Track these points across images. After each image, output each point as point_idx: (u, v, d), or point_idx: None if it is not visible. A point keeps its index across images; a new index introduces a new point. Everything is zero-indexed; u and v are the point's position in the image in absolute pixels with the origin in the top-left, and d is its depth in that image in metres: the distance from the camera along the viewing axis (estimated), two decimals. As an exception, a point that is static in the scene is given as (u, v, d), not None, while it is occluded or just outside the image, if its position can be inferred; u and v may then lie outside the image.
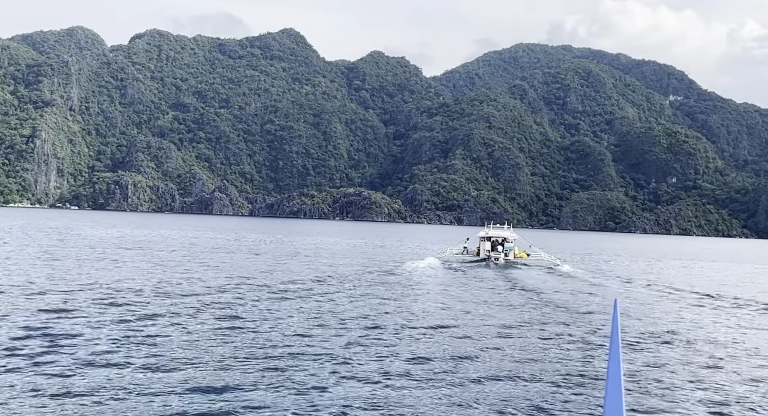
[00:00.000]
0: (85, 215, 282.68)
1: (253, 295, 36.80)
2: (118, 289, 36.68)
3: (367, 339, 25.56)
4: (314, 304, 34.73)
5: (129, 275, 44.95)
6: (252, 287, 40.57)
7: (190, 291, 37.37)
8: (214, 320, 28.16)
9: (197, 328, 26.06)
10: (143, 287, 37.82)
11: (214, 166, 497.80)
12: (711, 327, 34.16)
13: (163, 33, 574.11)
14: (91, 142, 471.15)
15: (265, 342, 23.86)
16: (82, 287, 36.56)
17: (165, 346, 22.39)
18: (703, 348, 27.56)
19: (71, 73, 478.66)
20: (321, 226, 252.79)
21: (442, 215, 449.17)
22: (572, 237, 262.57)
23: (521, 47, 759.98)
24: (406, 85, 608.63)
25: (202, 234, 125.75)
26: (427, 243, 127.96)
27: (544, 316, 34.45)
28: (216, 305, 31.97)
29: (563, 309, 37.29)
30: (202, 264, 55.95)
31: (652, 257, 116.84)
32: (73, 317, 26.83)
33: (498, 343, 26.27)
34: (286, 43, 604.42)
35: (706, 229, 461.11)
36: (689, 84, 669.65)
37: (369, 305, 35.22)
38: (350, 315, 31.38)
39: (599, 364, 23.42)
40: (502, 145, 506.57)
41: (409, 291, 43.39)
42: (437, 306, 36.25)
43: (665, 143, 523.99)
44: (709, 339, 30.03)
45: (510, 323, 31.50)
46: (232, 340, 23.92)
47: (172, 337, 23.86)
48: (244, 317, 29.22)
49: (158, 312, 29.03)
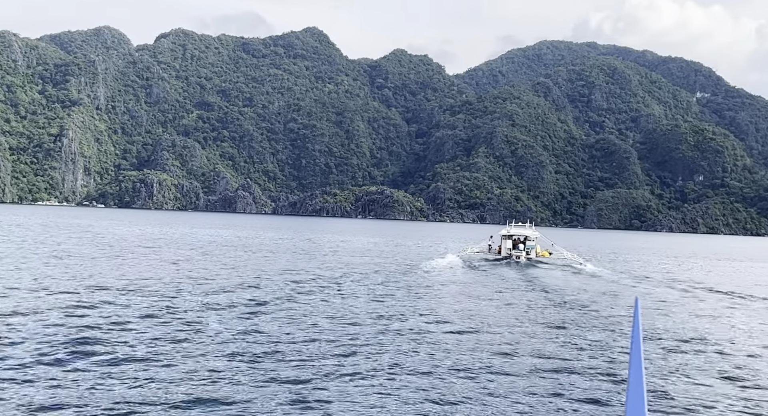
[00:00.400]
0: (110, 213, 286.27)
1: (263, 293, 36.63)
2: (124, 286, 36.75)
3: (375, 338, 25.23)
4: (327, 303, 34.39)
5: (139, 272, 44.99)
6: (264, 285, 40.43)
7: (199, 290, 37.31)
8: (220, 319, 27.75)
9: (203, 328, 25.90)
10: (146, 286, 37.81)
11: (238, 164, 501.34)
12: (740, 327, 33.28)
13: (188, 32, 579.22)
14: (117, 141, 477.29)
15: (270, 340, 23.65)
16: (87, 285, 36.62)
17: (168, 346, 22.15)
18: (727, 349, 26.87)
19: (98, 72, 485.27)
20: (342, 224, 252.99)
21: (465, 214, 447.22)
22: (597, 236, 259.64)
23: (545, 44, 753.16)
24: (429, 84, 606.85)
25: (222, 232, 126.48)
26: (449, 242, 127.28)
27: (562, 315, 33.80)
28: (225, 305, 31.64)
29: (583, 309, 36.54)
30: (217, 263, 55.70)
31: (679, 256, 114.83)
32: (69, 315, 26.53)
33: (514, 342, 25.83)
34: (309, 41, 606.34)
35: (734, 227, 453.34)
36: (717, 81, 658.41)
37: (381, 304, 34.82)
38: (362, 313, 30.97)
39: (620, 364, 22.95)
40: (525, 143, 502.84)
41: (424, 290, 42.88)
42: (452, 305, 35.77)
43: (692, 141, 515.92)
44: (734, 339, 29.27)
45: (527, 322, 31.03)
46: (241, 339, 23.70)
47: (179, 337, 23.65)
48: (255, 314, 29.06)
49: (162, 311, 28.74)
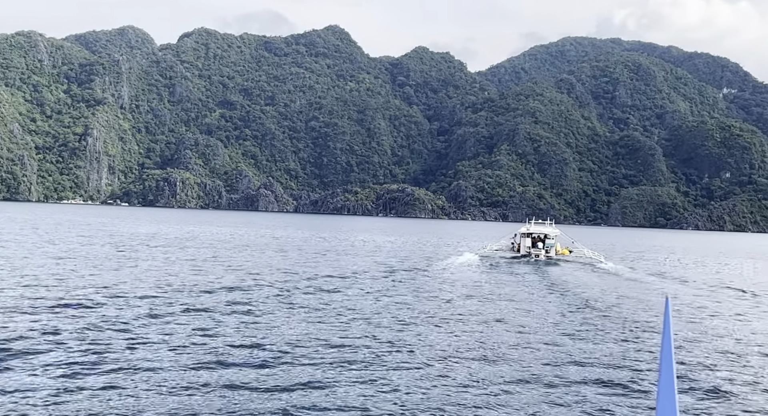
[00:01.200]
0: (133, 211, 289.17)
1: (263, 292, 36.03)
2: (117, 288, 36.33)
3: (376, 336, 24.91)
4: (336, 300, 34.06)
5: (137, 273, 44.50)
6: (267, 284, 39.85)
7: (196, 289, 36.85)
8: (205, 323, 27.06)
9: (192, 327, 25.32)
10: (138, 287, 37.41)
11: (260, 163, 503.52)
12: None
13: (211, 32, 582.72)
14: (140, 139, 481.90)
15: (270, 338, 23.48)
16: (77, 285, 36.30)
17: (155, 349, 21.57)
18: (755, 351, 25.98)
19: (122, 72, 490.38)
20: (362, 223, 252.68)
21: (487, 212, 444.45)
22: (621, 234, 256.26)
23: (568, 41, 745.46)
24: (451, 81, 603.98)
25: (238, 231, 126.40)
26: (470, 240, 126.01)
27: (568, 314, 33.02)
28: (216, 306, 30.79)
29: (601, 309, 35.52)
30: (223, 263, 54.32)
31: (706, 255, 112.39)
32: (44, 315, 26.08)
33: (529, 343, 25.05)
34: (331, 40, 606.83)
35: (762, 225, 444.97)
36: (744, 76, 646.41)
37: (389, 301, 34.47)
38: (368, 311, 30.75)
39: (646, 366, 22.24)
40: (548, 140, 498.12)
41: (435, 288, 42.16)
42: (453, 304, 35.10)
43: (718, 137, 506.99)
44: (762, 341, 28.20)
45: (539, 321, 30.32)
46: (237, 339, 23.17)
47: (168, 340, 22.98)
48: (254, 313, 28.67)
49: (136, 313, 27.95)
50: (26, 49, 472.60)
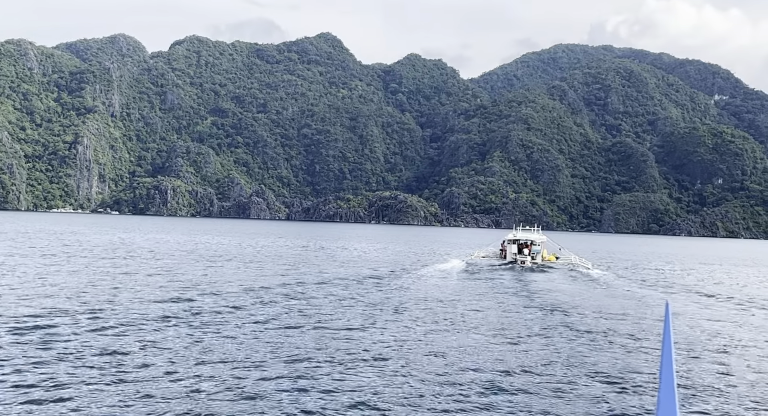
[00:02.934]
0: (121, 220, 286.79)
1: (225, 300, 34.51)
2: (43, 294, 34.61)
3: (326, 343, 24.54)
4: (301, 308, 33.12)
5: (76, 282, 42.85)
6: (228, 293, 38.28)
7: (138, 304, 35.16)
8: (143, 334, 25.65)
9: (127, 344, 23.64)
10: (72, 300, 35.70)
11: (252, 170, 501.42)
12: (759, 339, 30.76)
13: (202, 39, 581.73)
14: (131, 147, 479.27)
15: (231, 348, 23.04)
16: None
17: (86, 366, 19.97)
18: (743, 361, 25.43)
19: (113, 80, 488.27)
20: (353, 230, 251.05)
21: (480, 219, 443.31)
22: (613, 240, 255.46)
23: (560, 48, 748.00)
24: (443, 88, 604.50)
25: (220, 239, 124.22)
26: (459, 247, 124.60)
27: (537, 321, 32.63)
28: (160, 317, 29.37)
29: (564, 314, 34.82)
30: (190, 274, 52.05)
31: (695, 262, 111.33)
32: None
33: (490, 347, 24.55)
34: (323, 47, 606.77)
35: (754, 231, 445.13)
36: (735, 83, 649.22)
37: (354, 309, 33.82)
38: (327, 319, 30.17)
39: (602, 368, 21.98)
40: (541, 147, 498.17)
41: (406, 295, 41.27)
42: (432, 311, 34.49)
43: (710, 144, 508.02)
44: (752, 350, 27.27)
45: (500, 326, 30.01)
46: (193, 352, 22.19)
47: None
48: (209, 324, 27.33)
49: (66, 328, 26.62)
50: (16, 57, 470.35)
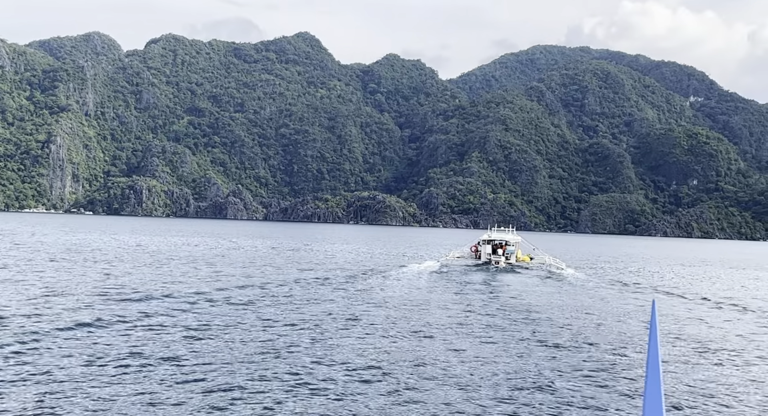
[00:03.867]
0: (94, 220, 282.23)
1: (189, 302, 32.92)
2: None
3: (289, 345, 24.47)
4: (250, 311, 32.07)
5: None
6: (176, 298, 36.67)
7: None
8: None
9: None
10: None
11: (229, 170, 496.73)
12: (730, 339, 30.58)
13: (179, 38, 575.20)
14: (106, 147, 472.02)
15: (191, 351, 22.65)
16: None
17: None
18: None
19: (87, 78, 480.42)
20: (331, 230, 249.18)
21: (458, 219, 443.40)
22: (589, 241, 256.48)
23: (538, 49, 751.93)
24: (422, 88, 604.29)
25: (186, 240, 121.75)
26: (435, 248, 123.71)
27: (498, 321, 32.67)
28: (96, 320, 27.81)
29: (536, 316, 34.67)
30: (136, 275, 50.17)
31: (668, 263, 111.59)
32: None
33: (449, 348, 24.58)
34: (302, 46, 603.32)
35: (728, 232, 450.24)
36: (710, 85, 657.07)
37: (314, 310, 33.26)
38: (287, 321, 29.73)
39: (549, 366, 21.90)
40: (519, 147, 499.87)
41: (369, 297, 40.46)
42: (395, 310, 34.32)
43: (686, 145, 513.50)
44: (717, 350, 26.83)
45: (456, 327, 29.90)
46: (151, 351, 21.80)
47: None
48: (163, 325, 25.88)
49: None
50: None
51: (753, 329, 35.00)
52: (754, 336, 32.55)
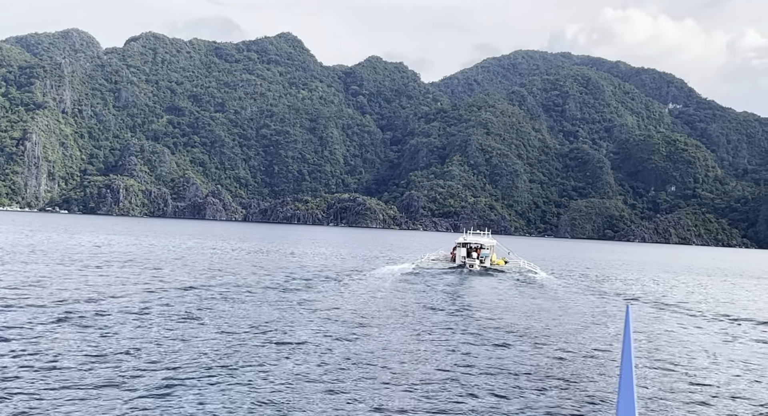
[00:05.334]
0: (67, 218, 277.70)
1: (149, 304, 31.28)
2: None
3: (242, 348, 23.92)
4: (205, 314, 30.74)
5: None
6: (151, 296, 34.99)
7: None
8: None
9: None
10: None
11: (209, 170, 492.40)
12: (691, 345, 29.70)
13: (159, 36, 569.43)
14: (83, 145, 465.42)
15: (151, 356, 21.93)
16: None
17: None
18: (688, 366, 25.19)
19: (64, 75, 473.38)
20: (309, 232, 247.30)
21: (438, 222, 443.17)
22: (568, 246, 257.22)
23: (520, 54, 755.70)
24: (404, 91, 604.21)
25: (151, 241, 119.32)
26: (413, 251, 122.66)
27: (451, 322, 32.34)
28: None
29: (494, 318, 34.27)
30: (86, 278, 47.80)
31: (645, 269, 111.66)
32: None
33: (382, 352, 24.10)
34: (283, 47, 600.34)
35: (705, 238, 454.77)
36: (689, 92, 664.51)
37: (270, 315, 32.13)
38: (243, 324, 28.88)
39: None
40: (500, 151, 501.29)
41: (327, 301, 39.15)
42: (351, 312, 33.69)
43: (664, 151, 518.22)
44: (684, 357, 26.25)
45: (410, 328, 29.76)
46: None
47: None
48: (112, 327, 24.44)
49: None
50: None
51: (727, 338, 34.14)
52: (727, 344, 31.68)
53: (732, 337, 34.17)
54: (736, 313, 45.69)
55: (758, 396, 21.82)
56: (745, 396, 21.66)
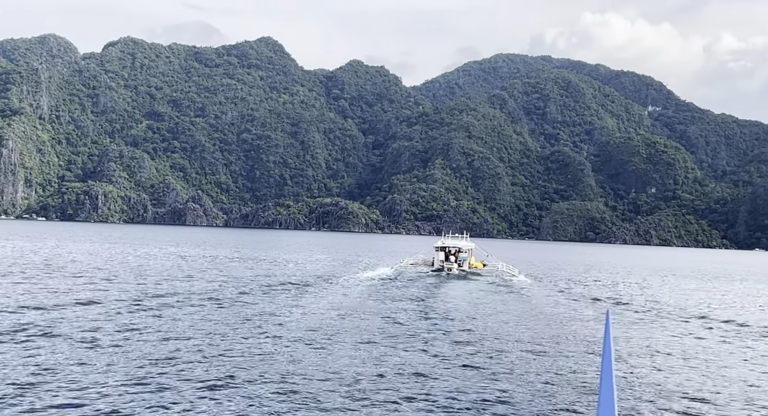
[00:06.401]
0: (38, 226, 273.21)
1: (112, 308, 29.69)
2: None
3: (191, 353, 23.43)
4: (166, 320, 29.56)
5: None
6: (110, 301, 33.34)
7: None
8: None
9: None
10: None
11: (189, 176, 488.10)
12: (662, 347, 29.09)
13: (138, 41, 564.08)
14: (61, 151, 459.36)
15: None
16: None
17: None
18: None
19: (41, 81, 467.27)
20: (290, 237, 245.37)
21: (421, 226, 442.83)
22: (549, 248, 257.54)
23: (501, 57, 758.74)
24: (386, 95, 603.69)
25: (113, 248, 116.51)
26: (394, 255, 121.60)
27: (414, 330, 31.31)
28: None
29: (464, 320, 33.85)
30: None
31: (625, 271, 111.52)
32: None
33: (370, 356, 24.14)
34: (264, 51, 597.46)
35: (685, 239, 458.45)
36: (668, 95, 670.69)
37: (237, 317, 31.40)
38: (197, 330, 28.30)
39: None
40: (482, 155, 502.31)
41: (306, 304, 38.67)
42: (318, 317, 33.09)
43: (644, 153, 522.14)
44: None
45: (387, 335, 29.03)
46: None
47: None
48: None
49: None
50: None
51: (709, 339, 33.30)
52: (710, 346, 30.82)
53: (703, 338, 33.42)
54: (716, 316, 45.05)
55: (723, 396, 21.23)
56: (707, 397, 21.12)
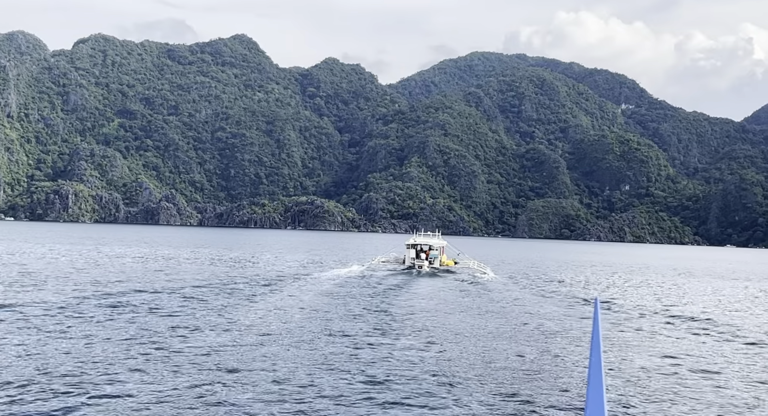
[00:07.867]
0: (5, 226, 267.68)
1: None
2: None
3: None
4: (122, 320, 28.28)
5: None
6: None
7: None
8: None
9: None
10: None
11: (163, 175, 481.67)
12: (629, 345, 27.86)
13: (109, 38, 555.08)
14: (30, 150, 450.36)
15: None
16: None
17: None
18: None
19: (9, 78, 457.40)
20: (263, 236, 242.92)
21: (398, 224, 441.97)
22: (524, 245, 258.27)
23: (476, 55, 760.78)
24: (362, 93, 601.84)
25: (67, 248, 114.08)
26: (368, 253, 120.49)
27: (370, 326, 31.05)
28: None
29: (426, 318, 33.36)
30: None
31: (598, 268, 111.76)
32: None
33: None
34: (238, 49, 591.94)
35: (659, 236, 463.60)
36: (640, 93, 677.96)
37: (189, 319, 30.71)
38: (160, 328, 28.08)
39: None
40: (457, 152, 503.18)
41: (268, 303, 37.95)
42: (278, 315, 32.83)
43: (618, 151, 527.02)
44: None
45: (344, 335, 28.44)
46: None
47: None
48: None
49: None
50: None
51: (687, 338, 32.50)
52: (687, 345, 30.01)
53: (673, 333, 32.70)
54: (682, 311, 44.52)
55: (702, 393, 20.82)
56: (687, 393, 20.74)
